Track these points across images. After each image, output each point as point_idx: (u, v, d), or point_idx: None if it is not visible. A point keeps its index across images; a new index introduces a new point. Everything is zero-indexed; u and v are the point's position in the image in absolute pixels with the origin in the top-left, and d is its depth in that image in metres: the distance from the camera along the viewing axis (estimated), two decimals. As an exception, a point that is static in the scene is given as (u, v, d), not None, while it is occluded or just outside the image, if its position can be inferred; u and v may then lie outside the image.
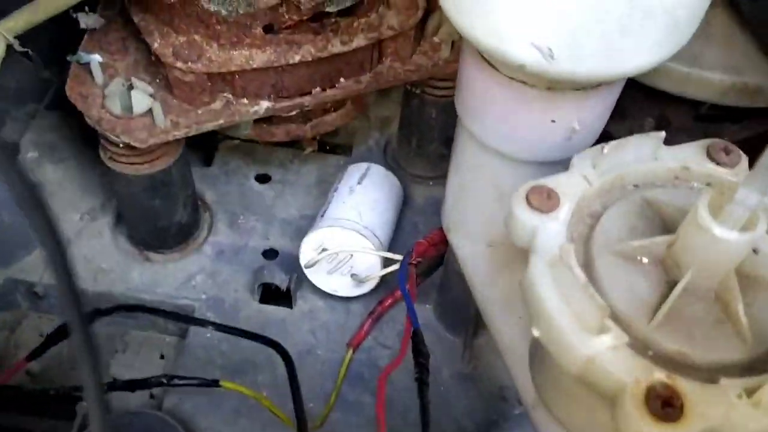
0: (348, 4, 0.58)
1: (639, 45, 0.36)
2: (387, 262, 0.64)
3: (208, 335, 0.65)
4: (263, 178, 0.78)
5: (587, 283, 0.33)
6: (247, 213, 0.75)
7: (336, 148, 0.84)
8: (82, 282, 0.68)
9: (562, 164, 0.47)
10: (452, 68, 0.67)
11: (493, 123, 0.45)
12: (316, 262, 0.64)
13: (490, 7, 0.36)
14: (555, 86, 0.41)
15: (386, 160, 0.82)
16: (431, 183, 0.80)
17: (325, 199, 0.75)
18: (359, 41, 0.61)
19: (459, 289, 0.64)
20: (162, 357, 0.68)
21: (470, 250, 0.55)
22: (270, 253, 0.73)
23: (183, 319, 0.64)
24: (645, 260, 0.36)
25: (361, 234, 0.63)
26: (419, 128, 0.76)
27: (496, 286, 0.53)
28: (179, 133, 0.59)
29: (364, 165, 0.72)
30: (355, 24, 0.61)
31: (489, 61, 0.42)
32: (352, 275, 0.65)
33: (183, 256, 0.71)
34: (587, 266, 0.36)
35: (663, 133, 0.39)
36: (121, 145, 0.59)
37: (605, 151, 0.38)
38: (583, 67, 0.36)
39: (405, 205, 0.76)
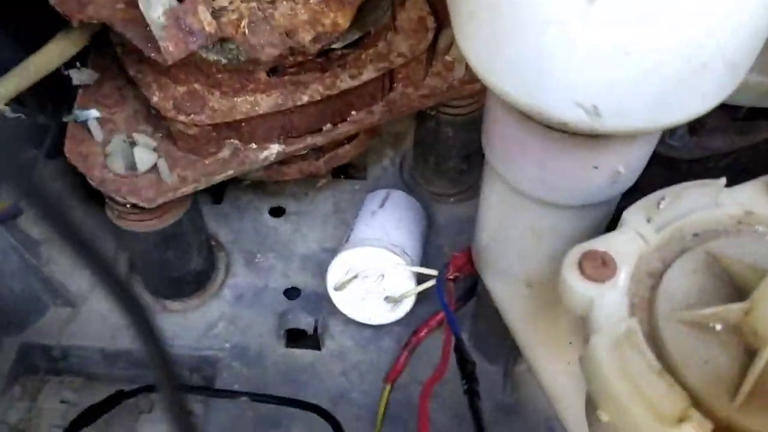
0: (354, 38, 0.55)
1: (694, 96, 0.32)
2: (421, 280, 0.61)
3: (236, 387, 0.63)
4: (277, 212, 0.75)
5: (663, 370, 0.30)
6: (264, 250, 0.72)
7: (349, 169, 0.80)
8: (100, 341, 0.65)
9: (605, 204, 0.44)
10: (469, 89, 0.64)
11: (529, 171, 0.42)
12: (345, 285, 0.61)
13: (528, 66, 0.33)
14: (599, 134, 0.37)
15: (403, 179, 0.78)
16: (452, 200, 0.77)
17: (345, 230, 0.73)
18: (369, 73, 0.57)
19: (495, 319, 0.61)
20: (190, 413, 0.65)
21: (507, 291, 0.52)
22: (292, 292, 0.70)
23: (217, 393, 0.61)
24: (718, 327, 0.33)
25: (391, 251, 0.60)
26: (436, 147, 0.72)
27: (537, 330, 0.50)
28: (188, 189, 0.56)
29: (383, 192, 0.69)
30: (363, 56, 0.57)
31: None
32: (386, 298, 0.62)
33: (202, 303, 0.68)
34: (652, 336, 0.33)
35: (723, 180, 0.36)
36: (128, 205, 0.55)
37: (662, 205, 0.35)
38: (631, 122, 0.33)
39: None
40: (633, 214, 0.36)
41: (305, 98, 0.56)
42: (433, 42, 0.62)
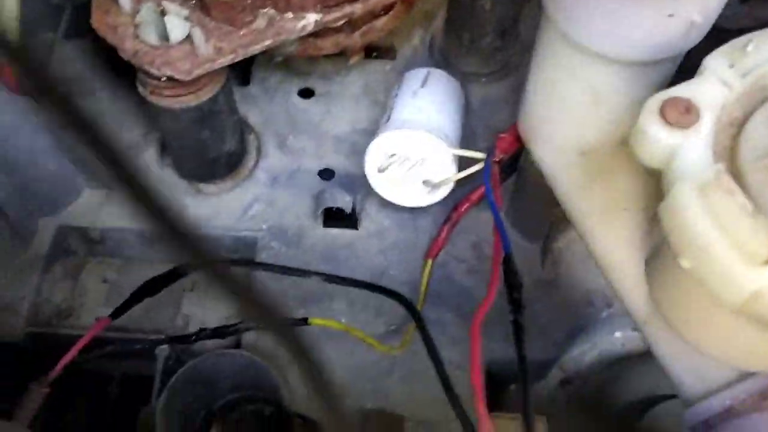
0: None
1: None
2: (462, 165, 0.60)
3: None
4: (306, 93, 0.73)
5: (756, 211, 0.29)
6: (296, 132, 0.71)
7: (377, 50, 0.78)
8: (137, 223, 0.65)
9: (670, 61, 0.42)
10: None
11: (595, 21, 0.40)
12: (384, 168, 0.59)
13: None
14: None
15: (434, 58, 0.76)
16: (483, 80, 0.75)
17: (377, 111, 0.71)
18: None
19: (536, 195, 0.60)
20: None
21: (558, 161, 0.51)
22: (326, 173, 0.69)
23: (292, 271, 0.59)
24: (804, 174, 0.32)
25: (434, 134, 0.58)
26: (471, 22, 0.69)
27: (592, 198, 0.49)
28: (225, 60, 0.53)
29: (423, 70, 0.66)
30: None
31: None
32: (424, 181, 0.61)
33: (236, 185, 0.67)
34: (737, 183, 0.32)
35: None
36: (163, 79, 0.53)
37: (749, 48, 0.33)
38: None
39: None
40: (715, 60, 0.34)
41: (346, -39, 0.53)
42: None
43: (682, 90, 0.34)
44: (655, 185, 0.47)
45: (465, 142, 0.68)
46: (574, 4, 0.40)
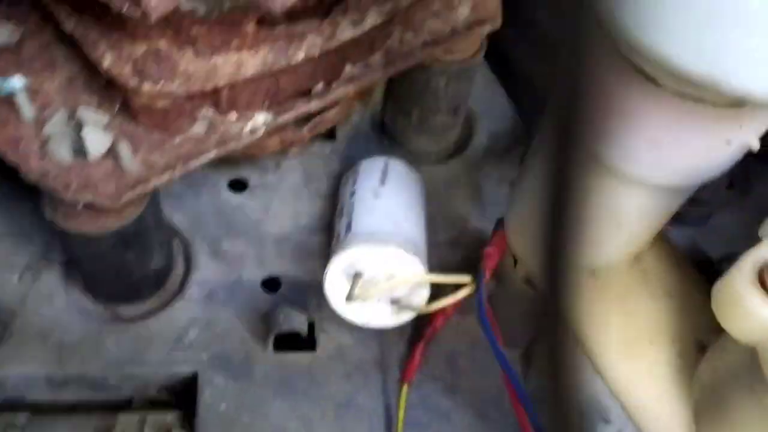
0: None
1: None
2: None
3: (223, 407, 0.53)
4: (239, 185, 0.64)
5: None
6: (231, 235, 0.61)
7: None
8: (45, 365, 0.53)
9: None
10: (476, 34, 0.54)
11: (636, 147, 0.33)
12: (357, 297, 0.50)
13: (717, 23, 0.24)
14: (744, 103, 0.29)
15: (377, 137, 0.68)
16: (433, 157, 0.68)
17: (321, 203, 0.62)
18: (373, 18, 0.47)
19: (521, 303, 0.54)
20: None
21: (564, 279, 0.44)
22: (271, 283, 0.59)
23: None
24: None
25: (405, 249, 0.50)
26: (423, 100, 0.62)
27: (609, 329, 0.42)
28: (161, 179, 0.44)
29: (379, 162, 0.58)
30: (367, -4, 0.46)
31: (647, 74, 0.30)
32: (394, 300, 0.52)
33: (164, 305, 0.57)
34: None
35: None
36: (80, 206, 0.43)
37: None
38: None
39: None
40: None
41: (301, 54, 0.44)
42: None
43: (779, 248, 0.28)
44: (691, 315, 0.41)
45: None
46: (614, 128, 0.33)
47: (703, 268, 0.64)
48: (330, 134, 0.68)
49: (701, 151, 0.32)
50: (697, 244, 0.64)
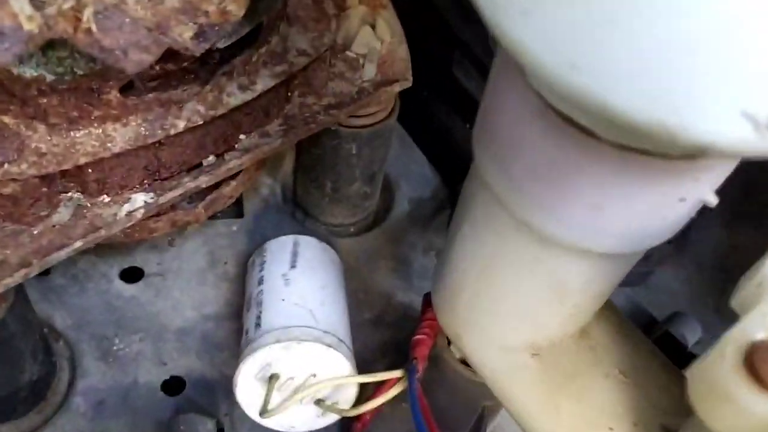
0: (242, 33, 0.38)
1: None
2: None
3: None
4: (132, 275, 0.56)
5: None
6: (124, 332, 0.53)
7: (217, 205, 0.62)
8: None
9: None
10: (385, 95, 0.49)
11: (576, 213, 0.28)
12: (273, 410, 0.43)
13: (666, 65, 0.19)
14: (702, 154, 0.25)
15: (289, 211, 0.62)
16: (352, 229, 0.63)
17: (229, 287, 0.55)
18: (264, 82, 0.41)
19: (457, 390, 0.48)
20: None
21: (503, 363, 0.38)
22: (173, 385, 0.51)
23: None
24: None
25: (325, 344, 0.43)
26: (335, 168, 0.57)
27: (560, 417, 0.36)
28: (12, 279, 0.36)
29: (288, 241, 0.52)
30: (255, 58, 0.41)
31: (585, 128, 0.25)
32: (318, 401, 0.45)
33: (45, 422, 0.48)
34: None
35: None
36: None
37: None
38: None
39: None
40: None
41: (180, 124, 0.38)
42: (335, 34, 0.47)
43: (761, 329, 0.22)
44: (651, 394, 0.36)
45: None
46: (545, 192, 0.28)
47: (647, 330, 0.60)
48: (237, 210, 0.62)
49: (651, 212, 0.27)
50: (638, 304, 0.60)
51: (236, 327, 0.53)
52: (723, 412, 0.22)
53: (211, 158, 0.42)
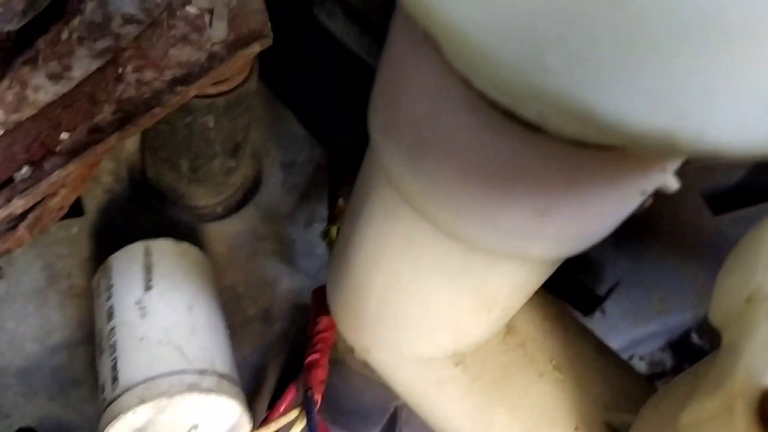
0: (42, 6, 0.28)
1: None
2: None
3: None
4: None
5: None
6: (-50, 382, 0.43)
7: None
8: None
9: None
10: (242, 58, 0.40)
11: (515, 219, 0.22)
12: None
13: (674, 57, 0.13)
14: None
15: (141, 200, 0.53)
16: (219, 210, 0.54)
17: (77, 308, 0.46)
18: (83, 65, 0.32)
19: (362, 394, 0.42)
20: None
21: (422, 376, 0.33)
22: (23, 438, 0.42)
23: None
24: None
25: (204, 389, 0.35)
26: (190, 146, 0.48)
27: (490, 429, 0.32)
28: None
29: (136, 251, 0.42)
30: (65, 34, 0.31)
31: (530, 123, 0.18)
32: None
33: None
34: None
35: None
36: None
37: None
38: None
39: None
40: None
41: (-28, 137, 0.28)
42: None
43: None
44: (591, 389, 0.32)
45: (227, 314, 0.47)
46: (474, 194, 0.22)
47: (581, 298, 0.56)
48: (74, 206, 0.51)
49: (606, 210, 0.22)
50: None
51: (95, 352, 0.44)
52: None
53: (25, 170, 0.33)
